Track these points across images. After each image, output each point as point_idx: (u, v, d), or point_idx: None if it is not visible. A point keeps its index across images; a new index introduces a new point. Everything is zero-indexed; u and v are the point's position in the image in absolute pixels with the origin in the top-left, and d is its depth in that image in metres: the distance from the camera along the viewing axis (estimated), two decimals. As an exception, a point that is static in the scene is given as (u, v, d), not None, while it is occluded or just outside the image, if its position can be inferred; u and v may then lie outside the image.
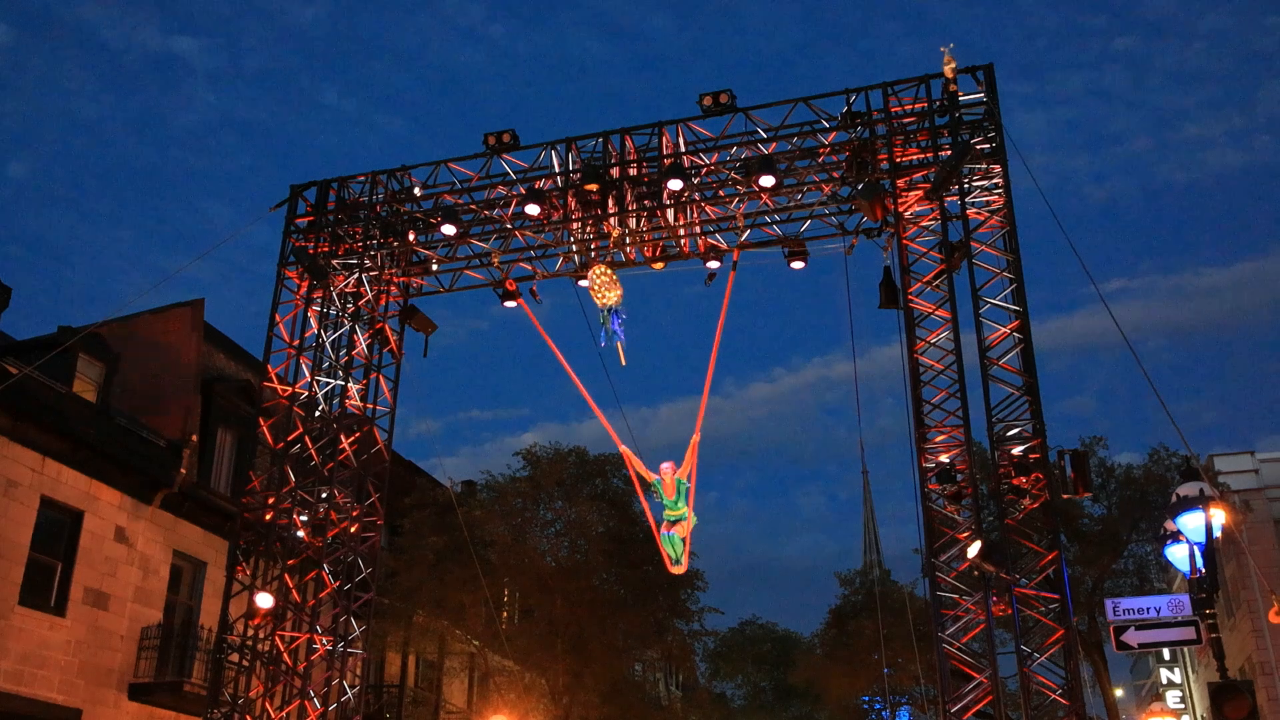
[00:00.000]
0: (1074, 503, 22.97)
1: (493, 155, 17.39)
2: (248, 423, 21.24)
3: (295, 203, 18.31)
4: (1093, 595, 24.44)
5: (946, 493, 13.95)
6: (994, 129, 15.23)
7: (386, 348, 18.51)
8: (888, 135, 15.65)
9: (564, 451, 26.25)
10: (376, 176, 18.15)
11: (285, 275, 18.06)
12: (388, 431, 18.35)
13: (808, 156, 16.29)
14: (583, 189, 16.45)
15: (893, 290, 15.76)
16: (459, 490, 27.29)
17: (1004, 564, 12.98)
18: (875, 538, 69.96)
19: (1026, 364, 14.12)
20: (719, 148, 16.71)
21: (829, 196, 16.31)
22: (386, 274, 18.35)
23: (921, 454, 14.09)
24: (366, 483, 17.67)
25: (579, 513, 24.93)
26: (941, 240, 15.02)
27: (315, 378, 17.52)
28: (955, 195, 15.11)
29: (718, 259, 17.06)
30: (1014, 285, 14.54)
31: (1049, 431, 13.75)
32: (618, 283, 16.42)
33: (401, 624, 24.75)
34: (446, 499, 24.23)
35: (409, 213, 18.05)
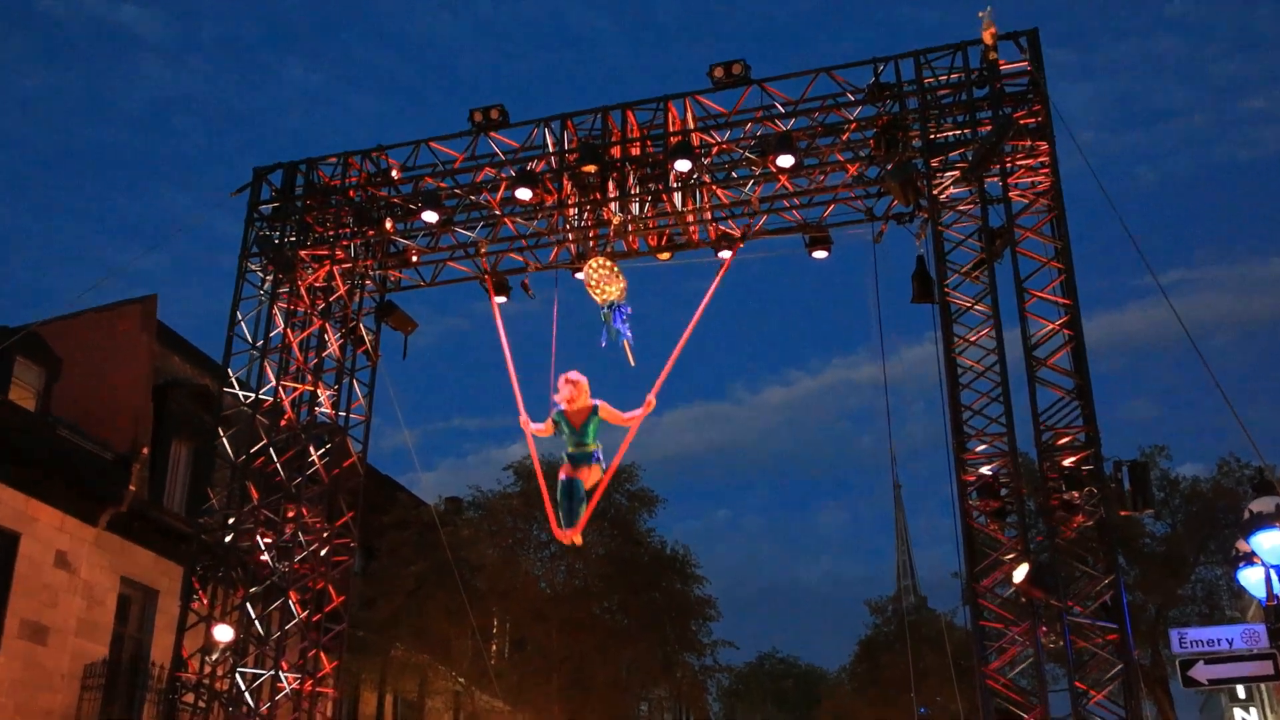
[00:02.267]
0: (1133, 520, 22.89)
1: (479, 134, 17.39)
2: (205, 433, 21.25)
3: (258, 187, 18.33)
4: (1156, 625, 24.41)
5: (989, 509, 13.94)
6: (1039, 102, 15.22)
7: (361, 349, 18.55)
8: (920, 109, 15.65)
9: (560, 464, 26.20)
10: (349, 158, 18.17)
11: (247, 268, 18.08)
12: (362, 442, 18.38)
13: (831, 134, 16.29)
14: (580, 171, 16.43)
15: (927, 282, 15.76)
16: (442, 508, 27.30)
17: (1055, 589, 12.96)
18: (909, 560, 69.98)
19: (1078, 364, 14.13)
20: (732, 124, 16.72)
21: (855, 178, 16.32)
22: (361, 266, 18.38)
23: (960, 466, 14.06)
24: (339, 500, 17.69)
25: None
26: (981, 226, 15.02)
27: (281, 383, 17.53)
28: (996, 176, 15.11)
29: (730, 248, 17.06)
30: (1063, 276, 14.55)
31: (1104, 440, 13.76)
32: (620, 275, 16.39)
33: (378, 659, 24.78)
34: (429, 518, 24.24)
35: (386, 198, 18.07)
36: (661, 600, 25.61)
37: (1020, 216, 15.08)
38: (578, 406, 11.22)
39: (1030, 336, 14.31)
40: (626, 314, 16.33)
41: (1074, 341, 14.20)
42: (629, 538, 25.71)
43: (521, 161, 17.23)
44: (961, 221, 15.55)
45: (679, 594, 26.13)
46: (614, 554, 25.34)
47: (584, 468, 11.46)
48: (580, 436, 11.34)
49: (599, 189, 16.58)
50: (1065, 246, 14.68)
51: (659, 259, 17.66)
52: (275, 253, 17.35)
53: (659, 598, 25.54)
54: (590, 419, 11.27)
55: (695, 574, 26.50)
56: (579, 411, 11.23)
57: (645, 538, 26.35)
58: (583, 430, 11.31)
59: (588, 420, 11.27)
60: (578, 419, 11.27)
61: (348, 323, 18.35)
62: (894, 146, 15.66)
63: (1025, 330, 14.31)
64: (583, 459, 11.43)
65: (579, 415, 11.25)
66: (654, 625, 25.66)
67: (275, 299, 17.91)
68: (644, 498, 26.44)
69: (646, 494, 26.51)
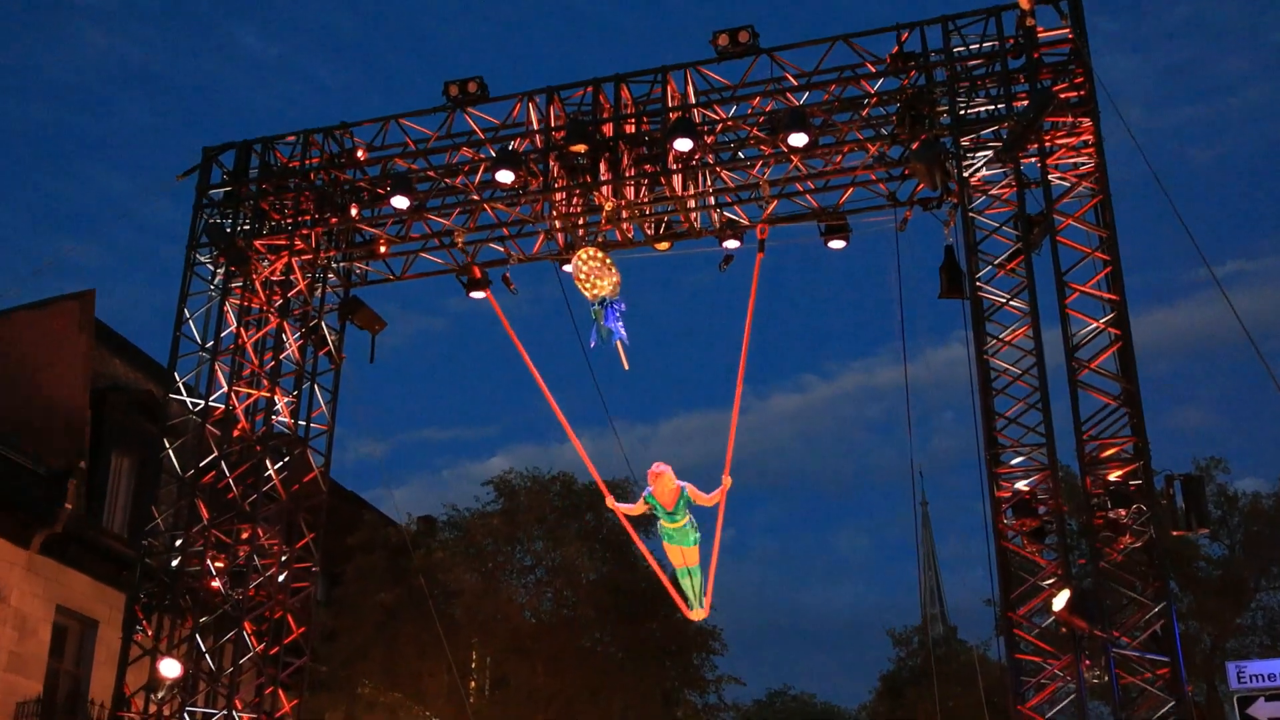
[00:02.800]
0: (1187, 541, 22.89)
1: (455, 109, 17.36)
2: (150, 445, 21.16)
3: (208, 170, 18.29)
4: (1212, 657, 24.39)
5: (1025, 529, 13.90)
6: (1082, 73, 15.20)
7: (323, 350, 18.50)
8: (949, 81, 15.63)
9: (545, 479, 26.20)
10: (310, 136, 18.15)
11: (196, 260, 18.02)
12: (325, 455, 18.32)
13: (849, 109, 16.25)
14: (568, 151, 16.39)
15: (956, 275, 15.72)
16: (415, 529, 27.25)
17: (1099, 618, 12.94)
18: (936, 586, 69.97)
19: (1125, 367, 14.10)
20: (738, 99, 16.69)
21: (876, 159, 16.29)
22: (323, 258, 18.34)
23: (994, 480, 14.04)
24: (298, 519, 17.64)
25: (565, 556, 24.89)
26: (1017, 212, 15.00)
27: (234, 388, 17.48)
28: (1034, 156, 15.08)
29: (737, 238, 17.00)
30: (1109, 268, 14.52)
31: (1154, 452, 13.78)
32: (613, 268, 16.38)
33: (343, 697, 24.69)
34: (399, 540, 24.18)
35: (351, 181, 18.03)
36: (660, 631, 25.51)
37: (1061, 202, 15.05)
38: (667, 491, 14.36)
39: (1072, 336, 14.26)
40: (620, 311, 16.30)
41: (1121, 342, 14.15)
42: (623, 561, 25.62)
43: (503, 140, 17.18)
44: (995, 207, 15.52)
45: (679, 625, 25.97)
46: (606, 579, 25.27)
47: (683, 546, 14.74)
48: (673, 515, 14.51)
49: (589, 171, 16.51)
50: (1111, 235, 14.64)
51: (656, 250, 17.62)
52: (227, 243, 17.27)
53: (657, 629, 25.45)
54: (680, 499, 14.40)
55: (697, 601, 26.43)
56: (668, 494, 14.38)
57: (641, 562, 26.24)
58: (675, 510, 14.45)
59: (678, 500, 14.40)
60: (668, 500, 14.41)
61: (308, 321, 18.29)
62: (919, 123, 15.63)
63: (1066, 329, 14.26)
64: (680, 535, 14.62)
65: (669, 497, 14.40)
66: (652, 659, 25.60)
67: (227, 294, 17.84)
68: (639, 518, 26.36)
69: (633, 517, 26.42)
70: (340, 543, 25.16)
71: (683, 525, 14.55)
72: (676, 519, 14.48)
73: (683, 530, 14.60)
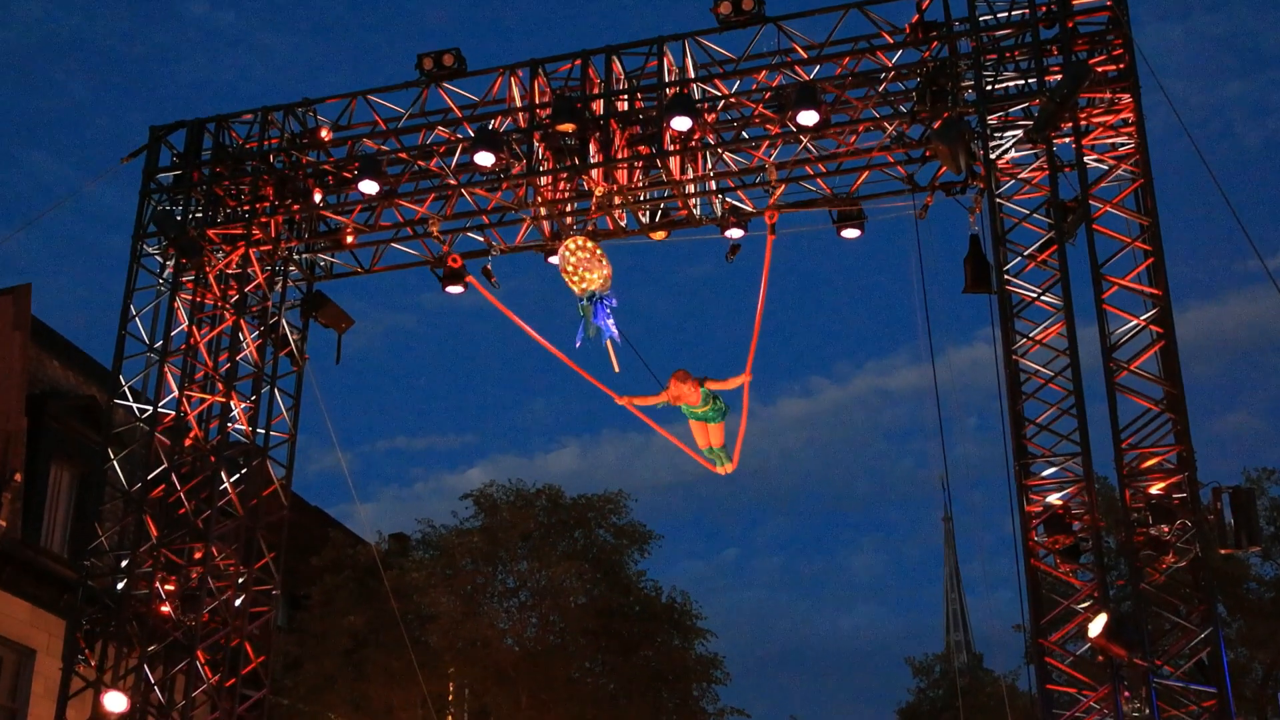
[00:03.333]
0: (1236, 560, 22.95)
1: (429, 85, 17.38)
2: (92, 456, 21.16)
3: (156, 151, 18.29)
4: (1264, 688, 24.46)
5: (1058, 547, 13.92)
6: (1121, 44, 15.24)
7: (284, 351, 18.52)
8: (975, 53, 15.64)
9: (530, 493, 26.24)
10: (269, 114, 18.15)
11: (143, 251, 18.02)
12: (286, 466, 18.36)
13: (864, 84, 16.29)
14: (554, 131, 16.43)
15: (982, 268, 15.77)
16: (385, 547, 27.29)
17: (1139, 645, 12.93)
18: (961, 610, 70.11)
19: (1168, 368, 14.12)
20: (742, 73, 16.72)
21: (893, 139, 16.32)
22: (284, 249, 18.35)
23: (1024, 494, 14.06)
24: (257, 538, 17.65)
25: (552, 577, 24.93)
26: (1050, 198, 15.03)
27: (186, 392, 17.47)
28: (1068, 136, 15.10)
29: (740, 226, 17.02)
30: (1150, 260, 14.55)
31: (1200, 462, 13.74)
32: (603, 260, 16.37)
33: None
34: (369, 559, 24.19)
35: (314, 164, 18.03)
36: (656, 660, 25.57)
37: (1098, 186, 15.07)
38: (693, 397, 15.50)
39: (1110, 335, 14.29)
40: (611, 307, 16.31)
41: (1163, 341, 14.18)
42: (616, 583, 25.68)
43: (482, 119, 17.19)
44: (1025, 192, 15.56)
45: (678, 652, 26.10)
46: (597, 603, 25.31)
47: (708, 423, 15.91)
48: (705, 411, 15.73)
49: (578, 153, 16.52)
50: (1153, 224, 14.68)
51: (651, 239, 17.65)
52: (177, 232, 17.24)
53: (653, 657, 25.50)
54: (704, 397, 15.51)
55: (698, 627, 26.50)
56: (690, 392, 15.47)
57: (636, 583, 26.33)
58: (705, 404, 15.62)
59: (703, 398, 15.53)
60: (694, 398, 15.52)
61: (267, 318, 18.29)
62: (942, 100, 15.65)
63: (1104, 327, 14.29)
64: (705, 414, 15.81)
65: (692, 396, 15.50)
66: (647, 691, 25.63)
67: (177, 289, 17.83)
68: (634, 534, 26.45)
69: (637, 529, 26.52)
70: (304, 563, 25.17)
71: (709, 409, 15.80)
72: (709, 410, 15.80)
73: (709, 412, 15.84)
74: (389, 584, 22.16)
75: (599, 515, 26.22)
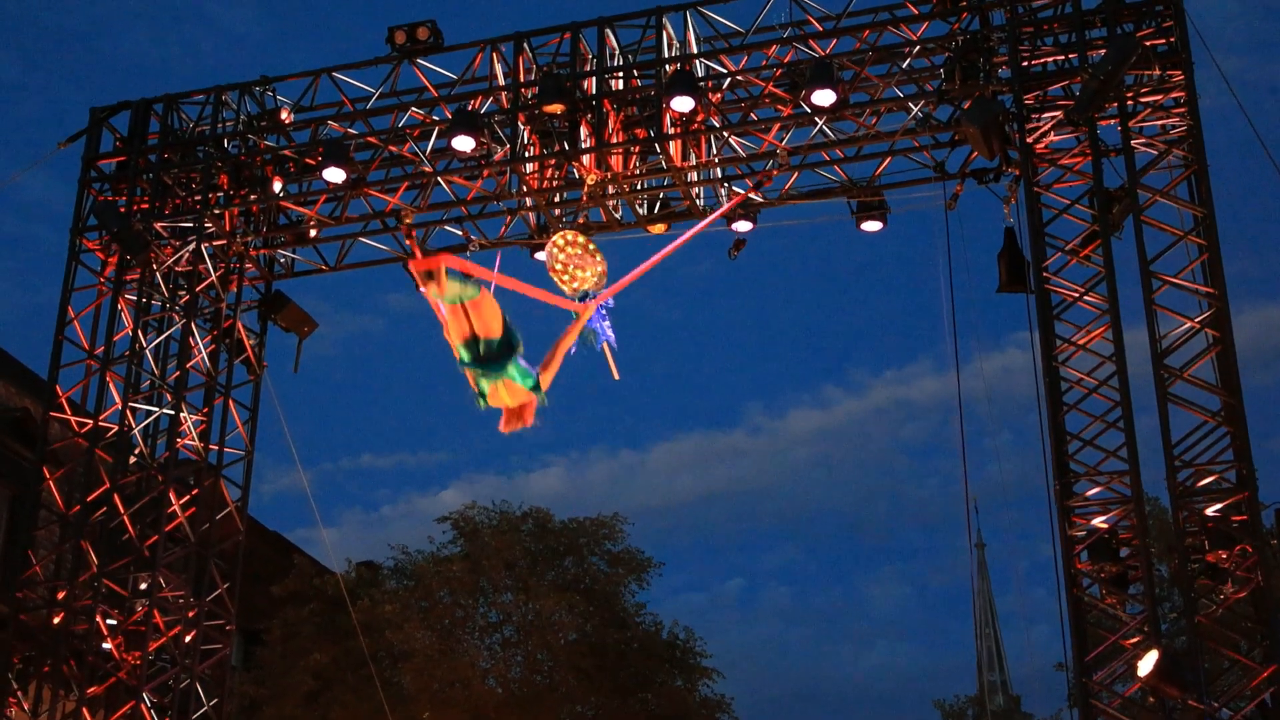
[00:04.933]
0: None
1: (402, 61, 17.36)
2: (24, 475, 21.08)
3: (96, 135, 18.30)
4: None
5: (1105, 576, 13.89)
6: (1171, 15, 15.21)
7: (240, 358, 18.50)
8: (1010, 26, 15.63)
9: (515, 516, 26.18)
10: (223, 94, 18.17)
11: (81, 248, 17.99)
12: (242, 487, 18.34)
13: (886, 60, 16.30)
14: (540, 112, 16.44)
15: (1018, 264, 15.75)
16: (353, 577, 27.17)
17: (1195, 685, 12.88)
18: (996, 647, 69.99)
19: (1226, 376, 14.09)
20: (750, 47, 16.70)
21: (919, 121, 16.30)
22: (239, 244, 18.34)
23: (1066, 517, 14.02)
24: (210, 566, 17.58)
25: (539, 610, 24.86)
26: (1094, 187, 14.99)
27: (130, 404, 17.44)
28: (1113, 118, 15.09)
29: (749, 218, 16.97)
30: (1205, 255, 14.52)
31: (1262, 480, 13.67)
32: (597, 255, 16.26)
33: (266, 783, 24.63)
34: (335, 590, 24.12)
35: (274, 149, 18.05)
36: (657, 703, 25.47)
37: (1146, 173, 15.02)
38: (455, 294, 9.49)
39: (1160, 339, 14.24)
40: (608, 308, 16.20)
41: (1220, 345, 14.13)
42: (611, 617, 25.61)
43: (460, 99, 17.21)
44: (1066, 181, 15.54)
45: (680, 694, 26.02)
46: (590, 639, 25.24)
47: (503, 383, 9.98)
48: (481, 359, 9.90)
49: (567, 137, 16.53)
50: (1209, 215, 14.63)
51: (649, 233, 17.61)
52: (121, 225, 17.21)
53: (653, 700, 25.41)
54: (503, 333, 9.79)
55: (702, 666, 26.45)
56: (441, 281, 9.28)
57: (633, 617, 26.25)
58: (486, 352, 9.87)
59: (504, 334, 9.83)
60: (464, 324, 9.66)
61: (221, 322, 18.27)
62: (973, 78, 15.61)
63: (1154, 330, 14.23)
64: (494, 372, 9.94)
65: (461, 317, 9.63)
66: (646, 736, 25.55)
67: (121, 289, 17.80)
68: (631, 562, 26.39)
69: (634, 556, 26.46)
70: (262, 594, 25.11)
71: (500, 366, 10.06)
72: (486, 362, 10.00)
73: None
74: (357, 618, 22.10)
75: (591, 541, 26.16)
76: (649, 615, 26.72)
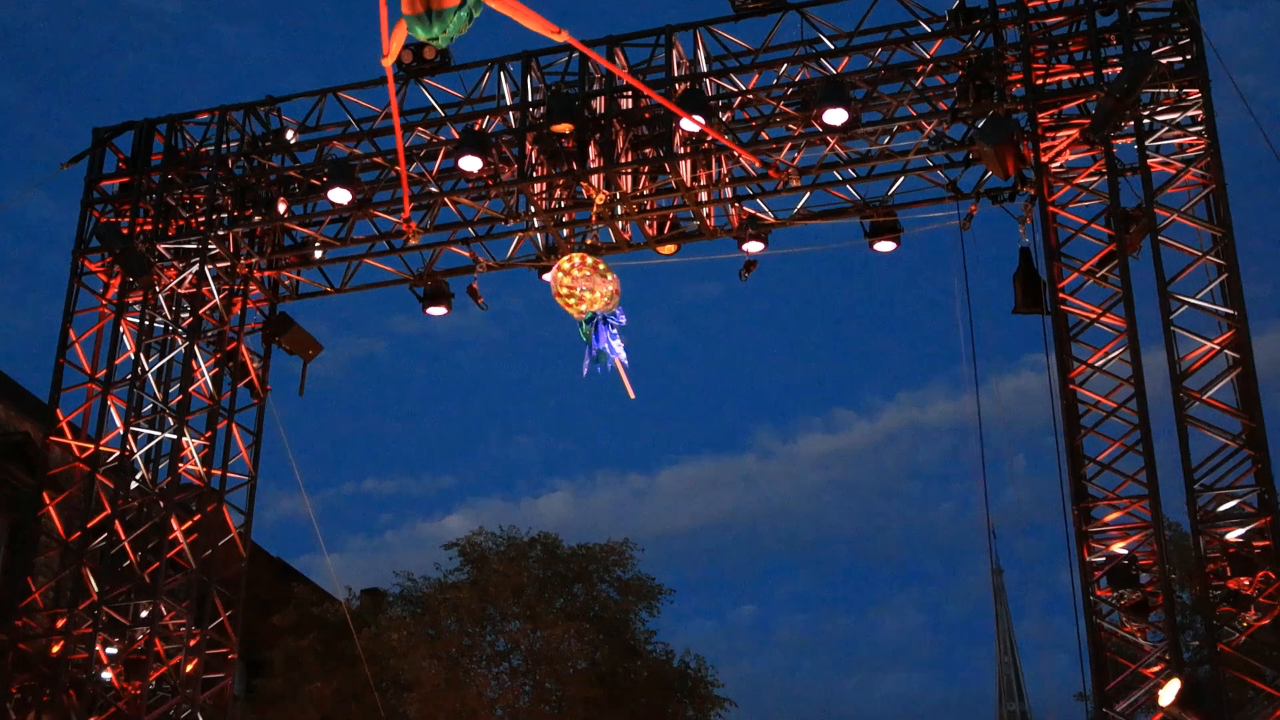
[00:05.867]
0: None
1: (408, 81, 17.53)
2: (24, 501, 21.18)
3: (99, 156, 18.44)
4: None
5: (1125, 603, 13.97)
6: (1188, 32, 15.30)
7: (243, 381, 18.58)
8: (1023, 43, 15.74)
9: (523, 542, 26.20)
10: (228, 114, 18.29)
11: (84, 269, 18.13)
12: (245, 513, 18.41)
13: (899, 78, 16.42)
14: (549, 131, 16.51)
15: (1034, 285, 15.83)
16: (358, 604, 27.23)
17: (1218, 715, 12.92)
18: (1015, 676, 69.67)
19: (1247, 398, 14.15)
20: (761, 66, 16.86)
21: (932, 140, 16.41)
22: (244, 265, 18.44)
23: (1084, 542, 14.08)
24: (212, 594, 17.66)
25: (548, 639, 24.84)
26: (1110, 206, 15.08)
27: (132, 428, 17.53)
28: (1130, 136, 15.19)
29: (759, 238, 17.10)
30: (1225, 275, 14.60)
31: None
32: (607, 275, 16.24)
33: (269, 817, 24.67)
34: (339, 618, 24.16)
35: (279, 170, 18.18)
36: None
37: (1163, 192, 15.10)
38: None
39: (1179, 361, 14.32)
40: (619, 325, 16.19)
41: (1241, 366, 14.21)
42: (621, 646, 25.57)
43: (467, 119, 17.35)
44: (1082, 200, 15.64)
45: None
46: (600, 668, 25.20)
47: None
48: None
49: (575, 157, 16.61)
50: (1227, 234, 14.73)
51: (660, 254, 17.75)
52: (123, 247, 17.35)
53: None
54: None
55: (714, 695, 26.38)
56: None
57: (644, 645, 26.24)
58: None
59: None
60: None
61: (225, 344, 18.36)
62: (987, 96, 15.71)
63: (1172, 351, 14.32)
64: None
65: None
66: (657, 769, 25.56)
67: (123, 312, 17.93)
68: (641, 589, 26.35)
69: (644, 584, 26.42)
70: (264, 623, 25.11)
71: None
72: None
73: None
74: (362, 646, 22.11)
75: (601, 567, 26.13)
76: (660, 644, 26.69)
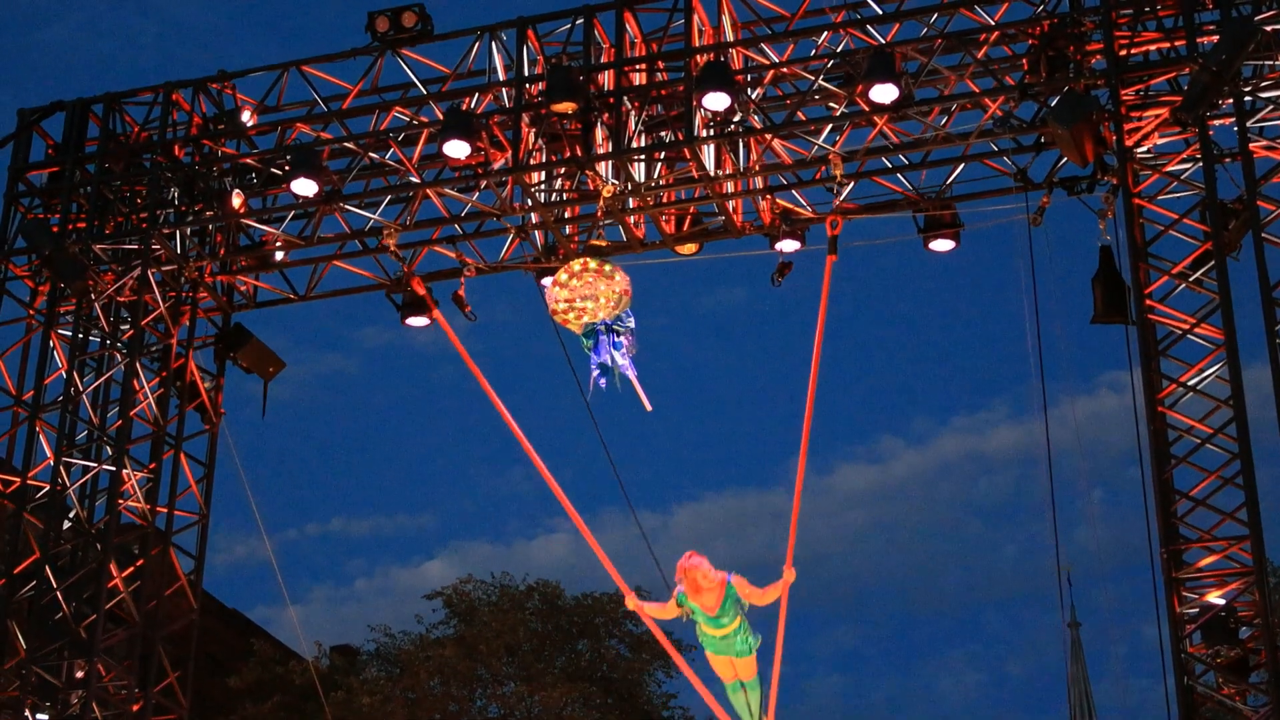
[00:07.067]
0: None
1: (384, 52, 17.49)
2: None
3: (26, 142, 18.46)
4: None
5: (1221, 661, 13.85)
6: (1296, -4, 15.25)
7: (193, 404, 18.56)
8: (1104, 7, 15.65)
9: (518, 591, 26.20)
10: (173, 93, 18.26)
11: (9, 273, 18.15)
12: (196, 557, 18.38)
13: (958, 49, 16.38)
14: (549, 111, 16.48)
15: (1116, 290, 15.77)
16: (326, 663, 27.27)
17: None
18: (1096, 744, 69.73)
19: (1365, 424, 14.04)
20: (796, 35, 16.83)
21: (997, 121, 16.33)
22: (193, 269, 18.39)
23: (1174, 591, 13.97)
24: (158, 651, 17.60)
25: (547, 703, 24.88)
26: (1205, 199, 14.99)
27: (64, 459, 17.50)
28: (1229, 117, 15.10)
29: (795, 236, 17.02)
30: (1339, 280, 14.50)
31: None
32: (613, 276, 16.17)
33: None
34: (305, 679, 24.18)
35: (234, 157, 18.18)
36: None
37: (1268, 182, 14.99)
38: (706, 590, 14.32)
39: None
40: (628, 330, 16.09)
41: (1358, 386, 14.12)
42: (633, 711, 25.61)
43: (454, 97, 17.29)
44: (1173, 191, 15.56)
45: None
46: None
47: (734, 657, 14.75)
48: (718, 620, 14.45)
49: (580, 141, 16.56)
50: (1343, 230, 14.67)
51: (679, 254, 17.66)
52: (53, 247, 17.35)
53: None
54: (726, 598, 14.36)
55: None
56: (709, 594, 14.36)
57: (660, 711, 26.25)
58: (721, 612, 14.41)
59: (724, 600, 14.35)
60: (710, 603, 14.41)
61: (171, 362, 18.31)
62: (1061, 69, 15.67)
63: (1278, 368, 14.15)
64: (726, 644, 14.63)
65: (710, 599, 14.40)
66: None
67: (54, 323, 17.92)
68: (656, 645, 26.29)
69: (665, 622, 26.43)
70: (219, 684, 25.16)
71: (731, 631, 14.61)
72: (723, 623, 14.52)
73: (730, 638, 14.64)
74: (331, 713, 22.09)
75: (609, 621, 26.15)
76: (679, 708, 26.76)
